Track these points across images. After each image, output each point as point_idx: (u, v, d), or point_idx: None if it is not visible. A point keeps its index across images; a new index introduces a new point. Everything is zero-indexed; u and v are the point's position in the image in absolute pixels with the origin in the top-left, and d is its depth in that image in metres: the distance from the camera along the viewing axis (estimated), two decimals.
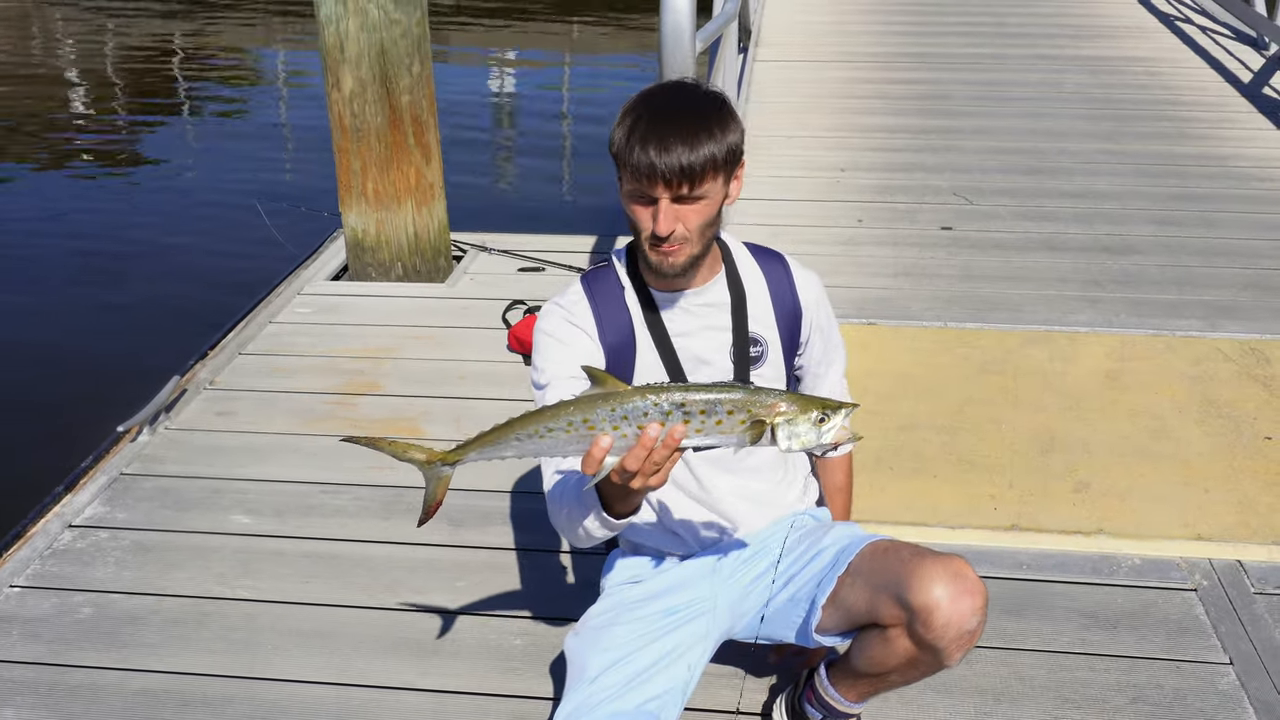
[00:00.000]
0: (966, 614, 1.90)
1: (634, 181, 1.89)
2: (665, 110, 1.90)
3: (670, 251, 1.94)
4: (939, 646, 1.93)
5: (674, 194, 1.88)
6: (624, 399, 1.65)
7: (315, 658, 2.72)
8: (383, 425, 3.75)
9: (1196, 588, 2.92)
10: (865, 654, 2.08)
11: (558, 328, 2.08)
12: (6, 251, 7.31)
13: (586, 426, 1.66)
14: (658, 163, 1.84)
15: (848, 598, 2.05)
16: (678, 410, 1.63)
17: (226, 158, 9.57)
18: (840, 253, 5.13)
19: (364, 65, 4.61)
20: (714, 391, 1.65)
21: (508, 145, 10.62)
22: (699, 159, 1.86)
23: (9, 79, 12.49)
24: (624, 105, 1.95)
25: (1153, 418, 3.69)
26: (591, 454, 1.64)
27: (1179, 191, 5.91)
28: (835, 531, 2.20)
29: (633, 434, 1.64)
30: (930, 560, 1.95)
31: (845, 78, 8.19)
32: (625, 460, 1.63)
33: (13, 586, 2.98)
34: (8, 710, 2.56)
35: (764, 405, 1.66)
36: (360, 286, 5.00)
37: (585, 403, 1.67)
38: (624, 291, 2.11)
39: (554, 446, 1.71)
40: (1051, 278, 4.85)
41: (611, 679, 1.97)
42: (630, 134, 1.87)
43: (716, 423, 1.64)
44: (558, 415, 1.68)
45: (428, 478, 1.87)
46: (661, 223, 1.89)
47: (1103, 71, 8.35)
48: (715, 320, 2.11)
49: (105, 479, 3.45)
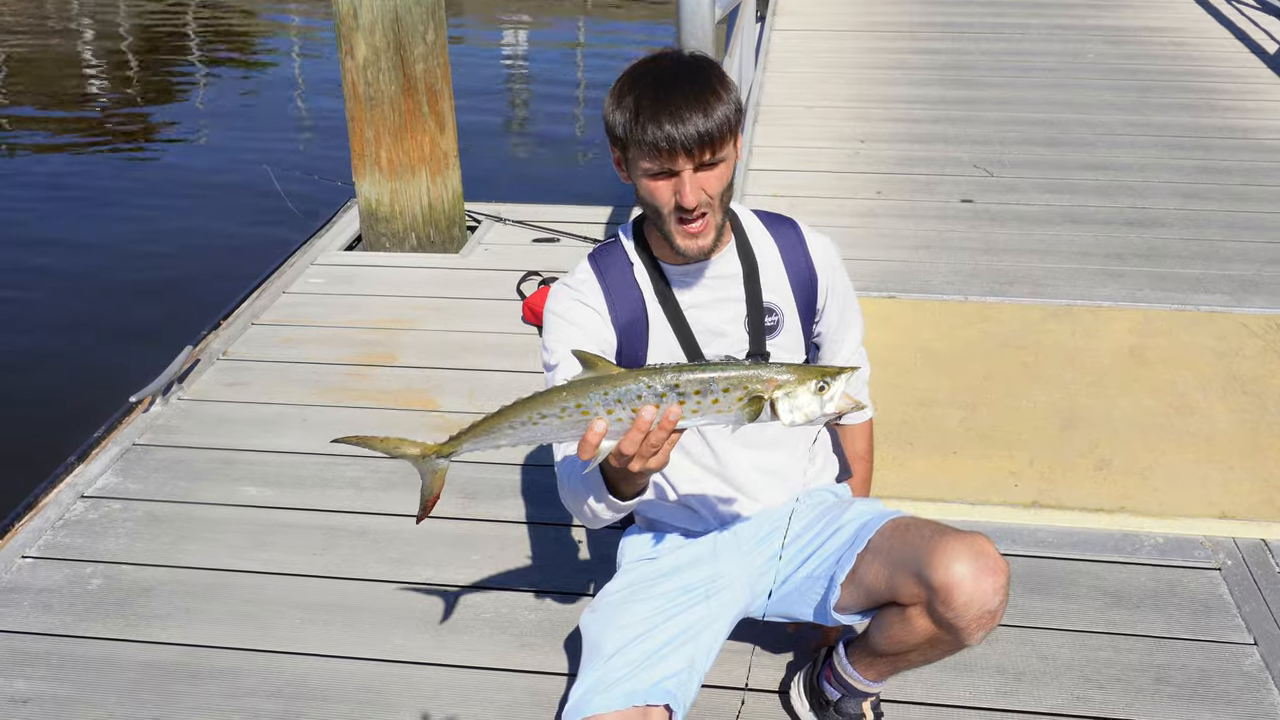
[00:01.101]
0: (988, 592, 1.86)
1: (651, 160, 1.84)
2: (664, 82, 1.85)
3: (697, 230, 1.91)
4: (960, 626, 1.89)
5: (696, 163, 1.84)
6: (617, 382, 1.60)
7: (327, 631, 2.70)
8: (396, 396, 3.73)
9: (1220, 567, 2.87)
10: (885, 633, 2.05)
11: (567, 308, 2.04)
12: (19, 220, 7.29)
13: (580, 412, 1.62)
14: (676, 134, 1.80)
15: (867, 576, 2.01)
16: (672, 392, 1.59)
17: (240, 127, 9.54)
18: (859, 225, 5.07)
19: (378, 32, 4.56)
20: (709, 370, 1.60)
21: (522, 115, 10.55)
22: (715, 123, 1.82)
23: (23, 48, 12.45)
24: (612, 89, 1.90)
25: (1176, 394, 3.63)
26: (587, 440, 1.60)
27: (1203, 164, 5.82)
28: (855, 508, 2.16)
29: (628, 417, 1.60)
30: (952, 538, 1.91)
31: (865, 47, 8.10)
32: (621, 444, 1.60)
33: (25, 557, 2.97)
34: (20, 681, 2.55)
35: (760, 380, 1.60)
36: (374, 257, 4.96)
37: (578, 387, 1.63)
38: (633, 268, 2.06)
39: (549, 433, 1.67)
40: (1073, 251, 4.78)
41: (627, 657, 1.94)
42: (637, 112, 1.83)
43: (713, 401, 1.60)
44: (550, 401, 1.64)
45: (423, 472, 1.83)
46: (689, 194, 1.85)
47: (1126, 42, 8.24)
48: (728, 291, 2.07)
49: (117, 449, 3.43)
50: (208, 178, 8.04)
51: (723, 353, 2.05)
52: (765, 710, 2.44)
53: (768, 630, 2.52)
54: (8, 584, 2.87)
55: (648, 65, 1.91)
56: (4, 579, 2.88)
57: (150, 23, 13.79)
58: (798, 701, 2.38)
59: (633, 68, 1.93)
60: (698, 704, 2.42)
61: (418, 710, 2.46)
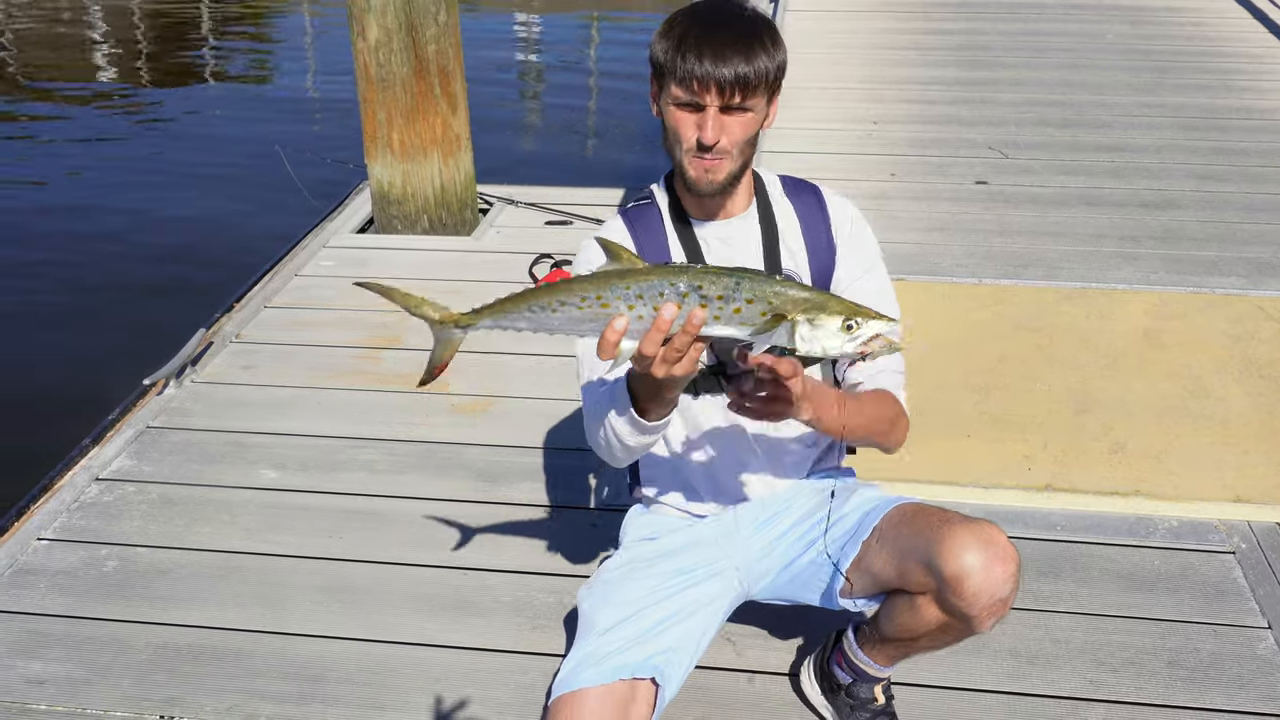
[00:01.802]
0: (999, 581, 1.85)
1: (683, 88, 1.85)
2: (717, 21, 1.87)
3: (711, 166, 1.91)
4: (970, 614, 1.88)
5: (724, 102, 1.85)
6: (640, 276, 1.57)
7: (341, 613, 2.71)
8: (409, 379, 3.73)
9: (1235, 550, 2.86)
10: (893, 620, 2.04)
11: (599, 255, 1.98)
12: (30, 203, 7.30)
13: (600, 304, 1.58)
14: (713, 70, 1.82)
15: (874, 563, 2.00)
16: (695, 292, 1.54)
17: (252, 109, 9.53)
18: (872, 207, 5.04)
19: (389, 13, 4.54)
20: (736, 275, 1.55)
21: (535, 97, 10.52)
22: (753, 70, 1.84)
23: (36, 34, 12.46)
24: (668, 19, 1.92)
25: (1191, 377, 3.62)
26: (606, 337, 1.57)
27: (1220, 145, 5.77)
28: (860, 494, 2.15)
29: (649, 315, 1.56)
30: (960, 526, 1.89)
31: (879, 27, 8.05)
32: (642, 344, 1.57)
33: (40, 539, 2.98)
34: (36, 662, 2.57)
35: (788, 299, 1.55)
36: (386, 239, 4.96)
37: (600, 278, 1.59)
38: (663, 223, 2.08)
39: (567, 322, 1.63)
40: (1088, 233, 4.75)
41: (620, 634, 1.95)
42: (682, 42, 1.85)
43: (735, 310, 1.55)
44: (571, 290, 1.61)
45: (437, 337, 1.80)
46: (710, 130, 1.86)
47: (1143, 22, 8.17)
48: (749, 251, 2.07)
49: (132, 432, 3.44)
50: (219, 160, 8.04)
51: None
52: (775, 693, 2.44)
53: (776, 612, 2.51)
54: (24, 566, 2.88)
55: (707, 5, 1.93)
56: (20, 561, 2.90)
57: (161, 4, 13.77)
58: (808, 685, 2.38)
59: (692, 5, 1.95)
60: (706, 687, 2.43)
61: (431, 692, 2.46)
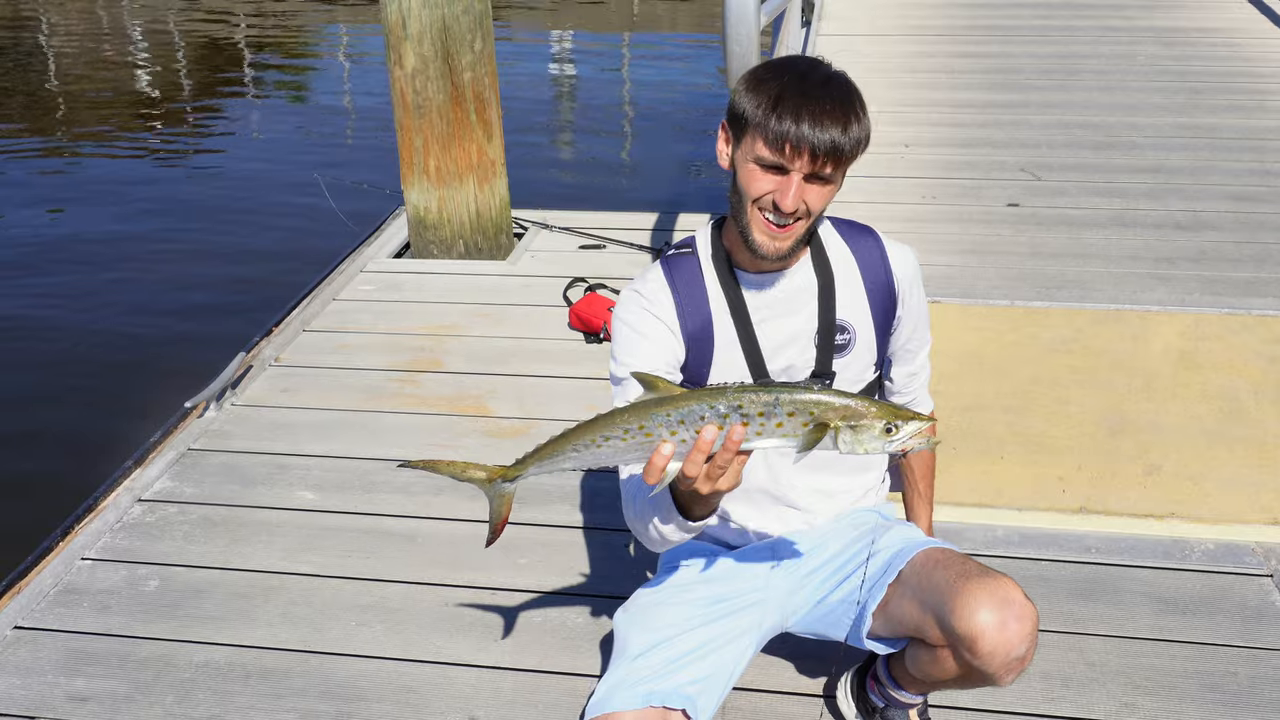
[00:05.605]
0: (1014, 641, 1.82)
1: (772, 149, 1.80)
2: (812, 83, 1.83)
3: (782, 234, 1.88)
4: (989, 671, 1.86)
5: (812, 170, 1.82)
6: (679, 403, 1.60)
7: (377, 633, 2.74)
8: (448, 402, 3.77)
9: (1273, 573, 2.84)
10: (917, 665, 2.04)
11: (638, 320, 2.00)
12: (72, 227, 7.43)
13: (643, 433, 1.62)
14: (811, 135, 1.78)
15: (896, 610, 1.99)
16: (735, 412, 1.58)
17: (290, 136, 9.67)
18: (905, 229, 5.04)
19: (426, 42, 4.62)
20: (775, 391, 1.59)
21: (568, 123, 10.60)
22: (849, 140, 1.81)
23: (78, 56, 12.69)
24: (753, 72, 1.88)
25: (1227, 399, 3.60)
26: (653, 463, 1.60)
27: (1256, 166, 5.74)
28: (893, 533, 2.13)
29: (691, 438, 1.60)
30: (975, 583, 1.86)
31: (910, 51, 8.07)
32: (685, 466, 1.59)
33: (84, 559, 3.04)
34: (79, 680, 2.61)
35: (829, 407, 1.59)
36: (422, 264, 5.02)
37: (640, 409, 1.63)
38: (705, 277, 2.03)
39: (613, 455, 1.67)
40: (1122, 255, 4.73)
41: (653, 659, 1.94)
42: (777, 101, 1.79)
43: (777, 425, 1.59)
44: (613, 424, 1.65)
45: (490, 496, 1.84)
46: (791, 197, 1.82)
47: (1177, 43, 8.14)
48: (801, 306, 2.02)
49: (173, 454, 3.50)
50: (258, 187, 8.17)
51: (787, 368, 2.03)
52: (811, 716, 2.45)
53: None
54: (68, 585, 2.94)
55: (794, 63, 1.89)
56: (65, 580, 2.95)
57: (201, 31, 14.01)
58: (845, 705, 2.39)
59: (778, 60, 1.92)
60: (742, 708, 2.44)
61: (465, 713, 2.49)
